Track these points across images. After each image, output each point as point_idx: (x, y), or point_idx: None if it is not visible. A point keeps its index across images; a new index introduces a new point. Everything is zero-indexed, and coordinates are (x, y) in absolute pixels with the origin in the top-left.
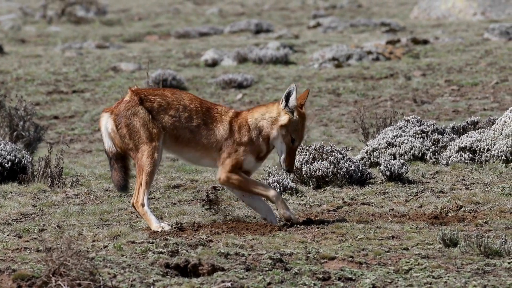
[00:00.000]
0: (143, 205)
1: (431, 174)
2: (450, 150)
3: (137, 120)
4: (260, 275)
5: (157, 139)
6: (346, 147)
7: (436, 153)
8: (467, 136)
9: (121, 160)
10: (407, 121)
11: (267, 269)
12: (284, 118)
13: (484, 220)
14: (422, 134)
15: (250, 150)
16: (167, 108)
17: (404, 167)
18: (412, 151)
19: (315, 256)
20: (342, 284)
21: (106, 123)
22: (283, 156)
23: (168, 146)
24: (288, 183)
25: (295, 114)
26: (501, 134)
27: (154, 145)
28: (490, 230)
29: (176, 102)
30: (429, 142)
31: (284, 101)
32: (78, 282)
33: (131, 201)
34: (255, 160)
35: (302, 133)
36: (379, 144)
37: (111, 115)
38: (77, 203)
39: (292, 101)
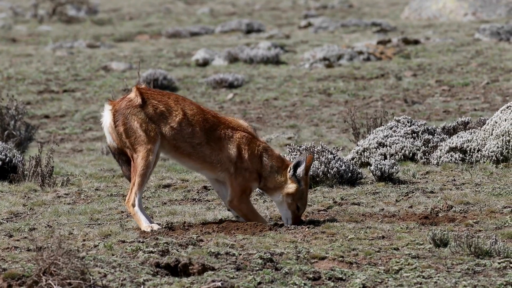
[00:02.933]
0: (133, 205)
1: (422, 174)
2: (440, 150)
3: (135, 120)
4: (251, 275)
5: (154, 141)
6: (336, 147)
7: (427, 153)
8: (457, 136)
9: (124, 154)
10: (398, 121)
11: (257, 268)
12: (291, 187)
13: (475, 220)
14: (413, 134)
15: (255, 178)
16: (169, 118)
17: (394, 167)
18: (403, 151)
19: (306, 256)
20: (332, 284)
21: (106, 117)
22: (289, 223)
23: (167, 152)
24: None
25: (302, 183)
26: (492, 134)
27: (150, 147)
28: (480, 230)
29: (178, 113)
30: (420, 142)
31: (292, 170)
32: (68, 281)
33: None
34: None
35: (306, 200)
36: (369, 144)
37: (112, 109)
38: (68, 203)
39: (300, 171)
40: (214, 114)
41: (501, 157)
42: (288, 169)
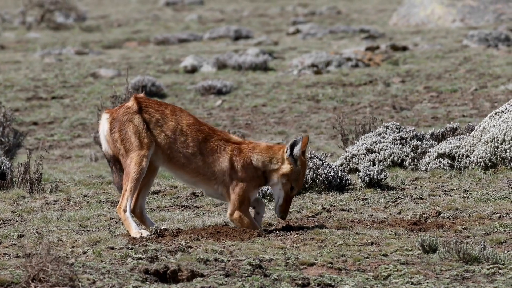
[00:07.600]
0: (125, 211)
1: (410, 181)
2: (429, 157)
3: (131, 127)
4: (240, 281)
5: (147, 148)
6: (325, 153)
7: (415, 160)
8: (446, 142)
9: (119, 162)
10: (386, 127)
11: (246, 275)
12: (286, 167)
13: (463, 227)
14: (401, 141)
15: (254, 185)
16: (164, 127)
17: (383, 173)
18: (391, 157)
19: (295, 262)
20: None
21: (103, 125)
22: (279, 203)
23: (162, 163)
24: (268, 188)
25: (298, 163)
26: (480, 140)
27: (143, 153)
28: (469, 236)
29: (173, 123)
30: (408, 148)
31: (289, 150)
32: None
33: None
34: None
35: (302, 181)
36: (358, 151)
37: (109, 117)
38: (56, 209)
39: (297, 151)
40: (210, 126)
41: (489, 163)
42: (285, 149)
